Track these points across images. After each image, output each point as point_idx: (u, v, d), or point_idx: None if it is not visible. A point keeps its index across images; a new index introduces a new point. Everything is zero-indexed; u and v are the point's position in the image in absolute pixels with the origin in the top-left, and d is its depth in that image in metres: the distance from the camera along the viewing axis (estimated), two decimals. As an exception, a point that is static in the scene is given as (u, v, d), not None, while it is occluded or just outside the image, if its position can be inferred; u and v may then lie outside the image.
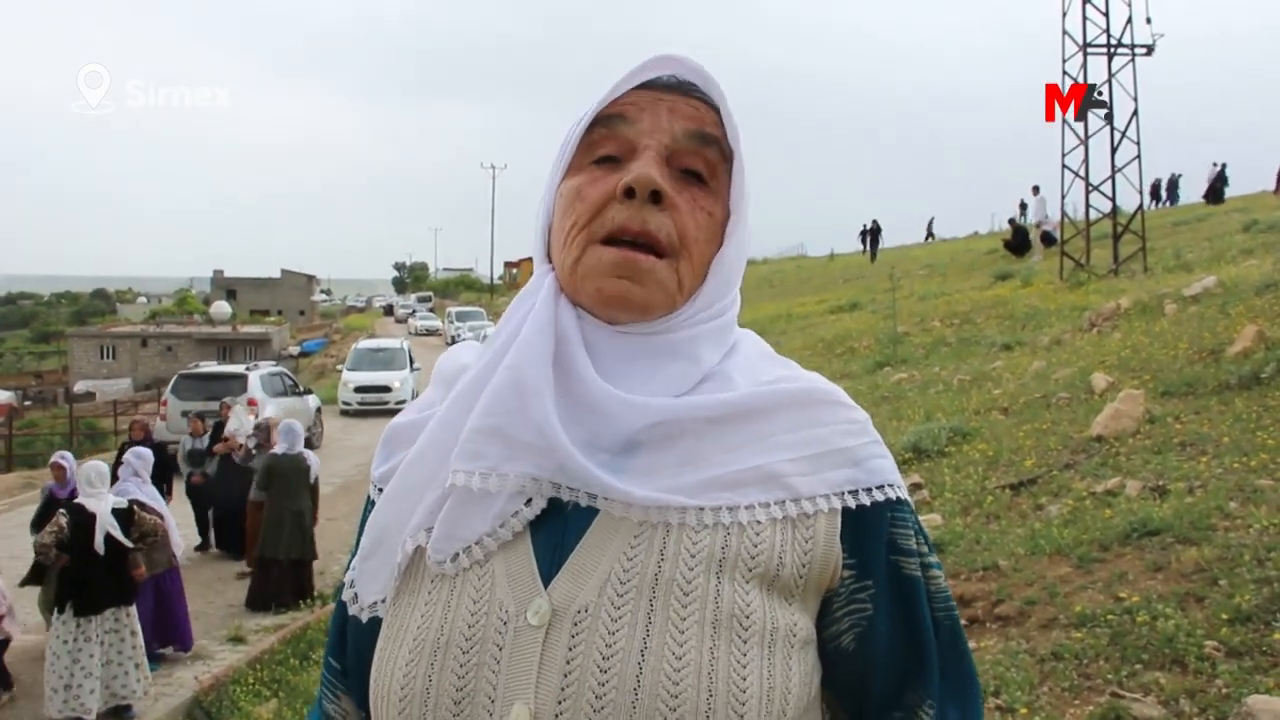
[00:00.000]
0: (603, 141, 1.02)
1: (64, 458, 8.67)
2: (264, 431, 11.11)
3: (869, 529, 0.99)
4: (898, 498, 1.01)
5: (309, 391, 20.22)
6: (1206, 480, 5.90)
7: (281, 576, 9.52)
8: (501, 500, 0.95)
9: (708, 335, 1.03)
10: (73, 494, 7.74)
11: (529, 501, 0.96)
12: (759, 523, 0.95)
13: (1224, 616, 4.24)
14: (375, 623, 1.03)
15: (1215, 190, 27.36)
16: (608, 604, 0.91)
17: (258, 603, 9.50)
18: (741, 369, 1.04)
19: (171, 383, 18.88)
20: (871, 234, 33.97)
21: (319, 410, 19.45)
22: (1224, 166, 27.91)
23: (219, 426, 12.13)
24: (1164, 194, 34.19)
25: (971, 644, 0.97)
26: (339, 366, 26.92)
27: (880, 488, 1.00)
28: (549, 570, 0.94)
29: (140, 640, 7.05)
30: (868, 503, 0.99)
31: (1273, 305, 9.62)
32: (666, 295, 0.99)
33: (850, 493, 0.98)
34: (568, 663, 0.89)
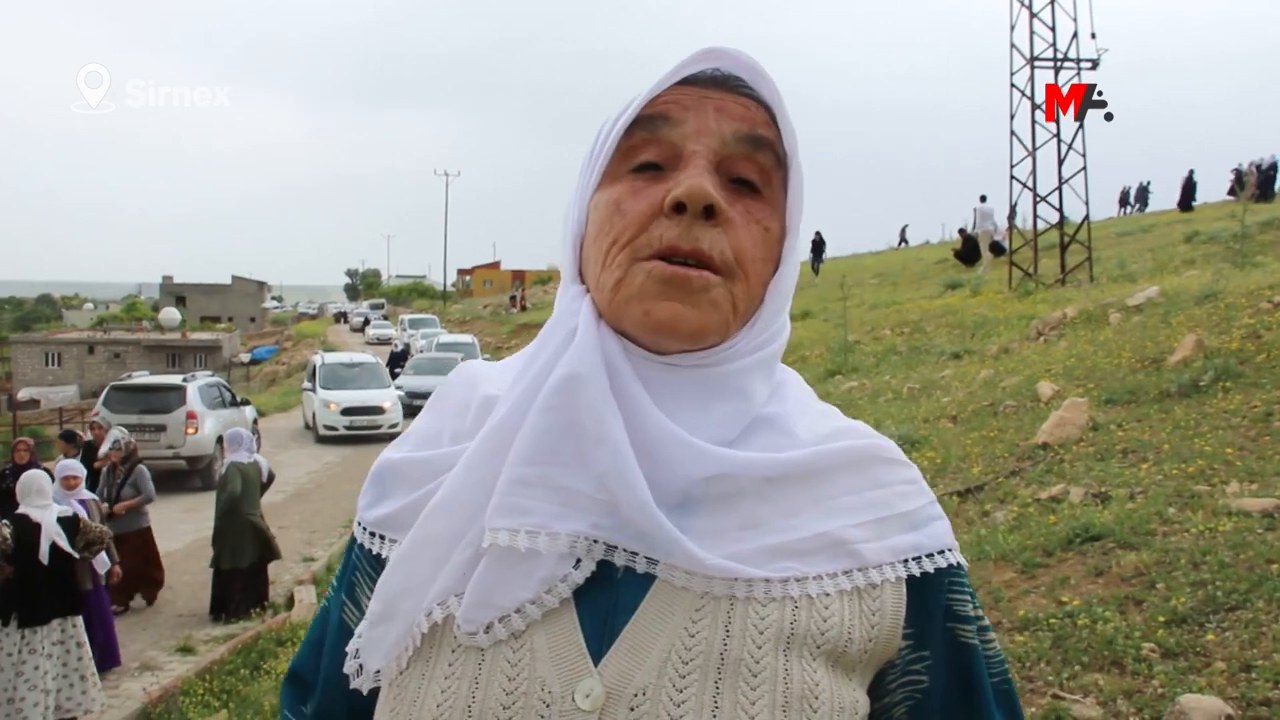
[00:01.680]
0: (642, 146, 0.90)
1: None
2: (129, 454, 10.05)
3: (928, 597, 0.91)
4: (956, 563, 0.94)
5: (246, 402, 19.80)
6: (1147, 486, 6.05)
7: (246, 583, 9.44)
8: (548, 563, 0.83)
9: (758, 367, 0.92)
10: None
11: (577, 564, 0.84)
12: (828, 595, 0.86)
13: (1160, 619, 4.35)
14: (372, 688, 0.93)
15: (1187, 197, 27.88)
16: (669, 685, 0.80)
17: (223, 611, 9.36)
18: (796, 417, 0.94)
19: (103, 394, 16.98)
20: (815, 246, 34.01)
21: (255, 421, 19.07)
22: (1191, 173, 28.43)
23: (90, 448, 10.93)
24: (1134, 201, 34.56)
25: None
26: (305, 386, 23.88)
27: (941, 553, 0.92)
28: (598, 645, 0.82)
29: (87, 651, 6.93)
30: (930, 569, 0.91)
31: (1211, 315, 9.86)
32: (721, 319, 0.87)
33: (914, 559, 0.91)
34: None
